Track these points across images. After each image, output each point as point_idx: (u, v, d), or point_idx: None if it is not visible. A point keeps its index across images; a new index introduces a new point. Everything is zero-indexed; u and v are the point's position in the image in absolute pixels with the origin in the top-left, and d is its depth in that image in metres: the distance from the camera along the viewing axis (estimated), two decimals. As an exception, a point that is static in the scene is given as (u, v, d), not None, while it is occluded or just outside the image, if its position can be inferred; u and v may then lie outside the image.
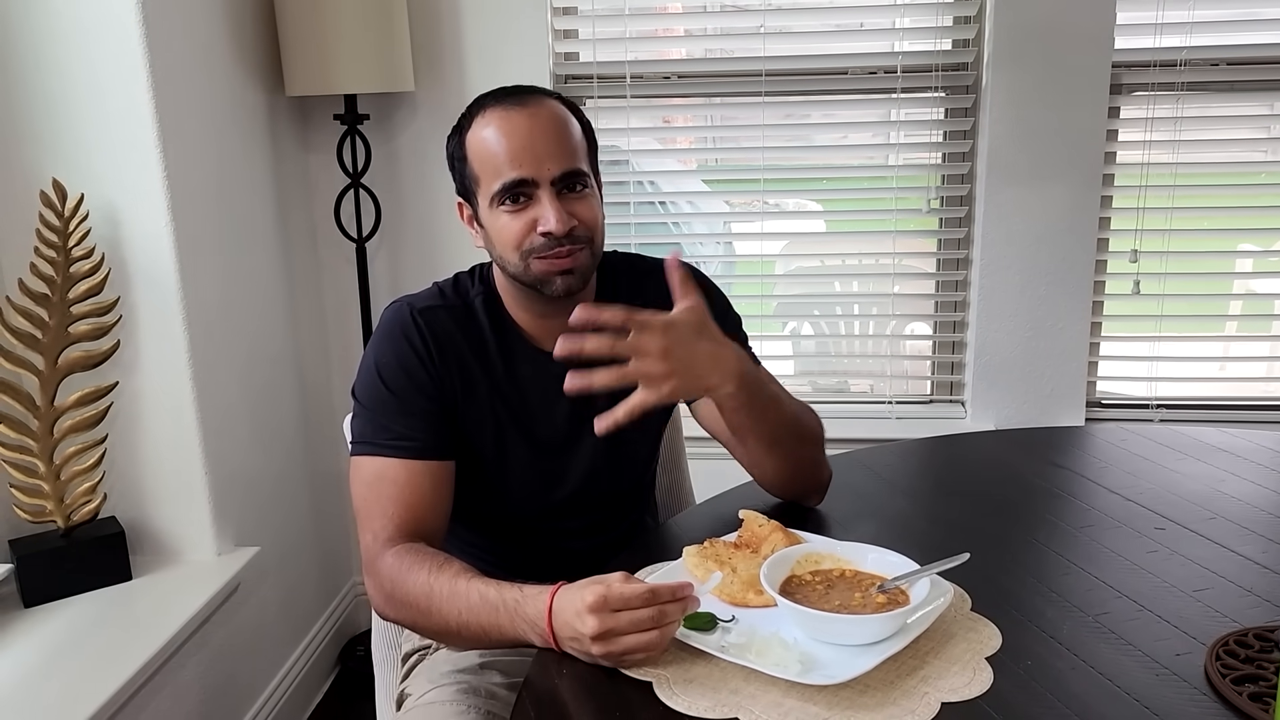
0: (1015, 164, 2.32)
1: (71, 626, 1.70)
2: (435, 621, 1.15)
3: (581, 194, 1.27)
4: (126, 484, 1.91)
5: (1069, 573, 1.24)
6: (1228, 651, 1.04)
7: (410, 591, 1.16)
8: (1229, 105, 2.39)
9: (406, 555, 1.19)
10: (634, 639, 1.01)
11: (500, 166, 1.24)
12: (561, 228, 1.23)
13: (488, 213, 1.28)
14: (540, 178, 1.23)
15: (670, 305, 1.20)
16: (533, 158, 1.23)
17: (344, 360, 2.52)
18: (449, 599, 1.13)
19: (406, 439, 1.24)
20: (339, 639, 2.56)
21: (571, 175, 1.25)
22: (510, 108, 1.25)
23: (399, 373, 1.27)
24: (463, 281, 1.38)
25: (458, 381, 1.30)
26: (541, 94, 1.29)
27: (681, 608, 1.03)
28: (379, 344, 1.31)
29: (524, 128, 1.24)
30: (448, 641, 1.23)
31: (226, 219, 2.04)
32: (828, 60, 2.41)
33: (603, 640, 1.01)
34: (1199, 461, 1.59)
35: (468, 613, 1.12)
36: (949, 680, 1.01)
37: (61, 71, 1.75)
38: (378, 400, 1.27)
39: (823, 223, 3.36)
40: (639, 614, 1.00)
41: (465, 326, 1.32)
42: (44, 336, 1.74)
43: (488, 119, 1.26)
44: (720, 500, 1.47)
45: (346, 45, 2.11)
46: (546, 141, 1.24)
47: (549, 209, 1.23)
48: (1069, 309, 2.39)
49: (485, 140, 1.25)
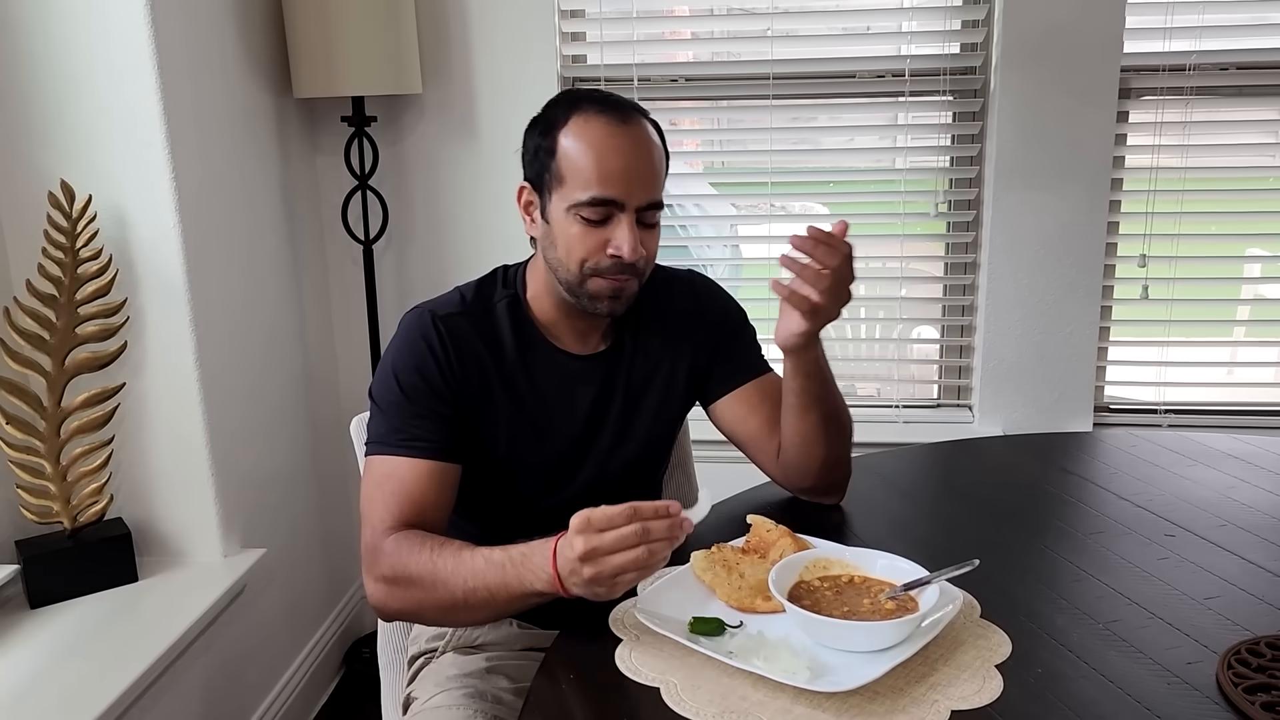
0: (1024, 168, 2.31)
1: (78, 628, 1.70)
2: (441, 596, 1.15)
3: (653, 227, 1.29)
4: (133, 485, 1.91)
5: (1079, 580, 1.23)
6: (1239, 660, 1.03)
7: (413, 570, 1.16)
8: (1238, 110, 2.38)
9: (406, 539, 1.19)
10: (620, 557, 1.02)
11: (592, 179, 1.23)
12: (634, 257, 1.25)
13: (560, 214, 1.27)
14: (628, 202, 1.24)
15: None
16: (626, 182, 1.24)
17: (350, 362, 2.52)
18: (454, 570, 1.14)
19: (418, 439, 1.25)
20: (344, 641, 2.56)
21: (653, 206, 1.27)
22: (614, 122, 1.25)
23: (416, 377, 1.28)
24: (486, 287, 1.38)
25: (475, 387, 1.30)
26: (639, 113, 1.29)
27: (668, 527, 1.04)
28: (398, 349, 1.31)
29: (626, 149, 1.24)
30: (454, 618, 1.22)
31: (234, 221, 2.04)
32: (835, 64, 2.40)
33: (591, 560, 1.03)
34: (1209, 468, 1.58)
35: (474, 578, 1.13)
36: (959, 688, 1.00)
37: (70, 73, 1.75)
38: (393, 403, 1.28)
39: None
40: (623, 531, 1.02)
41: (485, 333, 1.33)
42: (51, 337, 1.74)
43: (590, 125, 1.25)
44: (728, 505, 1.47)
45: (354, 47, 2.11)
46: (641, 168, 1.25)
47: (627, 236, 1.24)
48: (1077, 313, 2.39)
49: (583, 146, 1.24)
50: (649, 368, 1.40)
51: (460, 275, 2.40)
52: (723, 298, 1.50)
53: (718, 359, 1.45)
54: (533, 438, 1.34)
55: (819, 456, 1.38)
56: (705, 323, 1.45)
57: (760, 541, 1.25)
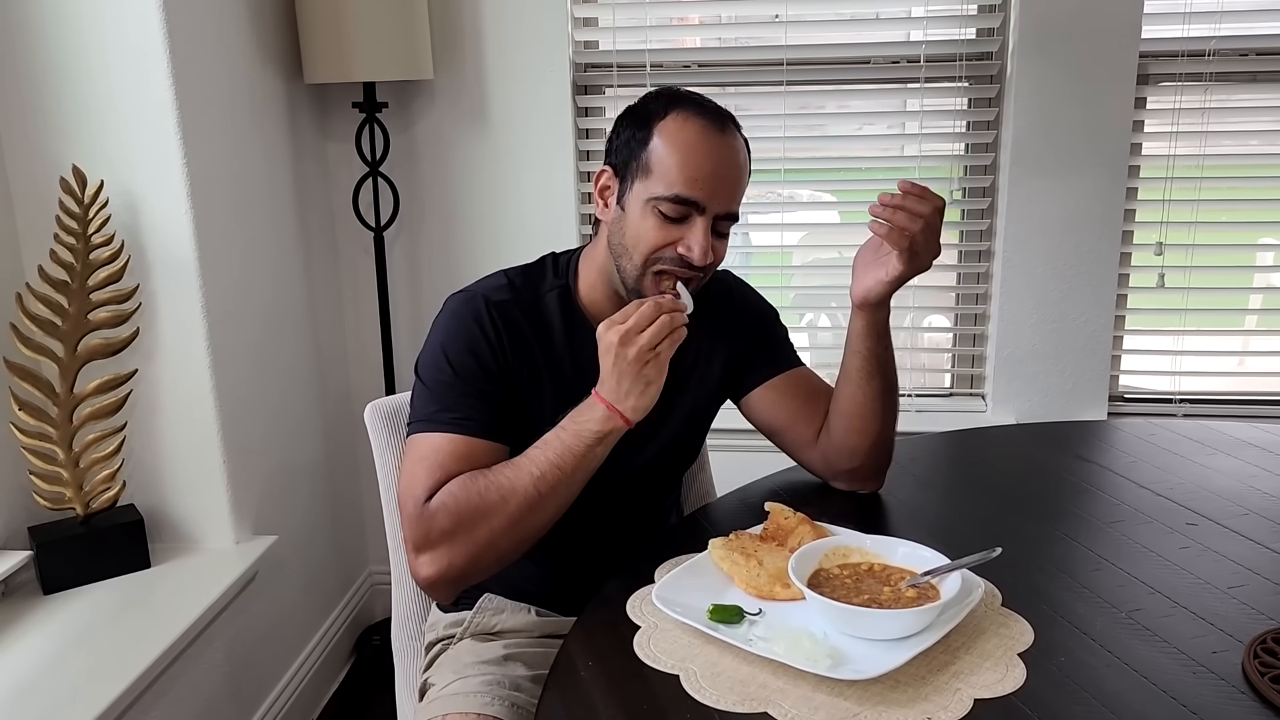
0: (1039, 155, 2.29)
1: (90, 613, 1.70)
2: (513, 505, 1.17)
3: (724, 238, 1.30)
4: (145, 472, 1.91)
5: (1100, 568, 1.22)
6: (1265, 649, 1.02)
7: (475, 502, 1.18)
8: (1257, 96, 2.36)
9: (457, 484, 1.20)
10: (649, 331, 1.15)
11: (679, 177, 1.23)
12: (703, 261, 1.25)
13: (638, 204, 1.26)
14: (709, 207, 1.25)
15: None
16: (713, 186, 1.24)
17: (361, 349, 2.52)
18: (515, 474, 1.18)
19: (466, 418, 1.24)
20: (355, 628, 2.56)
21: (729, 216, 1.28)
22: (712, 128, 1.25)
23: (467, 356, 1.27)
24: (533, 274, 1.37)
25: (525, 374, 1.30)
26: (735, 125, 1.30)
27: (670, 299, 1.22)
28: (449, 327, 1.30)
29: (719, 154, 1.25)
30: (530, 522, 1.19)
31: (245, 207, 2.04)
32: (850, 49, 2.38)
33: (627, 343, 1.15)
34: (1230, 456, 1.57)
35: (537, 466, 1.18)
36: (981, 676, 0.99)
37: (82, 59, 1.74)
38: (441, 381, 1.26)
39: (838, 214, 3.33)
40: (642, 309, 1.17)
41: (535, 321, 1.32)
42: (64, 323, 1.73)
43: (690, 124, 1.25)
44: (745, 492, 1.46)
45: (365, 33, 2.10)
46: (729, 176, 1.26)
47: (700, 239, 1.24)
48: (1092, 302, 2.37)
49: (678, 143, 1.24)
50: (688, 360, 1.39)
51: (472, 262, 2.44)
52: (755, 296, 1.51)
53: (751, 353, 1.45)
54: None
55: (874, 432, 1.38)
56: (740, 319, 1.45)
57: (778, 529, 1.25)
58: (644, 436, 1.36)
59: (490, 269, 1.42)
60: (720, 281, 1.47)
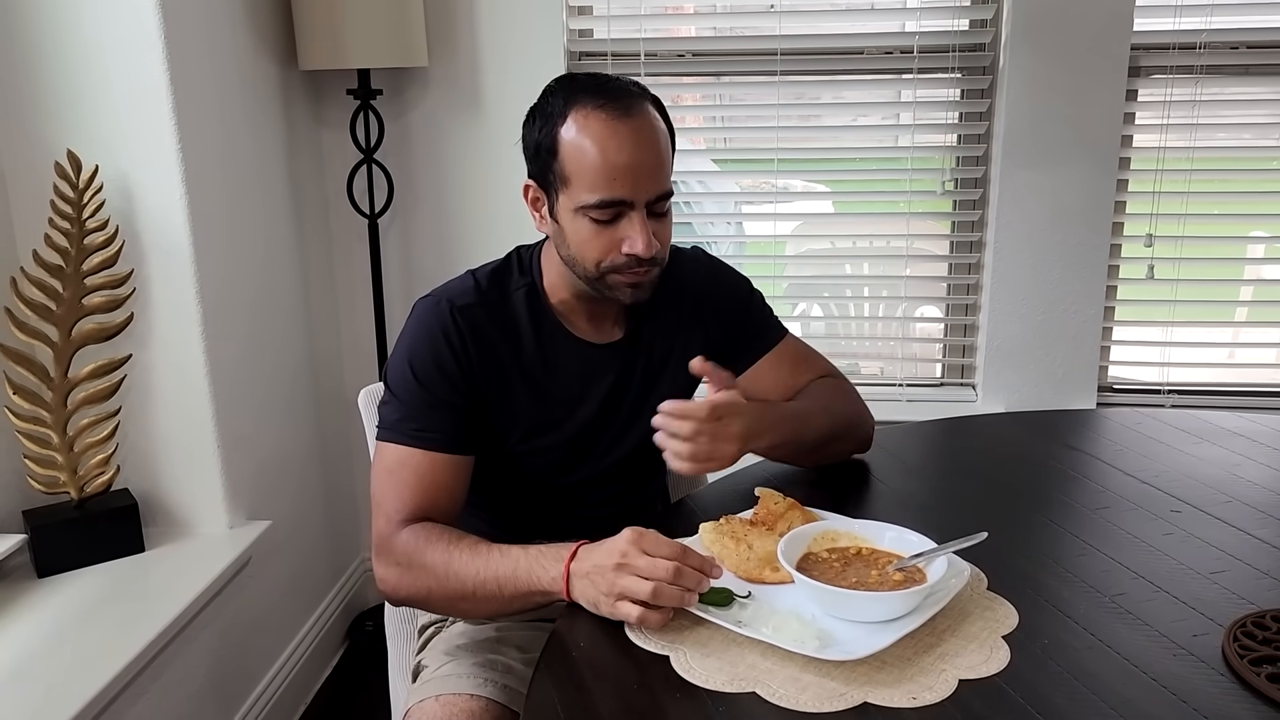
0: (1031, 146, 2.31)
1: (84, 597, 1.71)
2: (451, 585, 1.17)
3: (664, 216, 1.27)
4: (139, 456, 1.91)
5: (1085, 554, 1.24)
6: (1245, 633, 1.04)
7: (428, 559, 1.18)
8: (1247, 89, 2.37)
9: (424, 530, 1.21)
10: (635, 581, 1.04)
11: (597, 180, 1.20)
12: (649, 253, 1.22)
13: (569, 214, 1.24)
14: (637, 199, 1.22)
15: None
16: (634, 178, 1.20)
17: (355, 335, 2.52)
18: (469, 560, 1.16)
19: (431, 430, 1.25)
20: (348, 614, 2.57)
21: (663, 197, 1.25)
22: (616, 116, 1.20)
23: (432, 368, 1.27)
24: (501, 272, 1.36)
25: (493, 378, 1.30)
26: (640, 97, 1.24)
27: (698, 578, 1.06)
28: (414, 338, 1.29)
29: (629, 144, 1.20)
30: (459, 607, 1.23)
31: (239, 193, 2.04)
32: (843, 40, 2.39)
33: (618, 570, 1.06)
34: (1215, 445, 1.59)
35: (486, 569, 1.15)
36: (966, 658, 1.01)
37: (77, 44, 1.74)
38: (408, 392, 1.27)
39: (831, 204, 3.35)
40: (660, 562, 1.05)
41: (503, 323, 1.31)
42: (58, 308, 1.74)
43: (590, 122, 1.20)
44: (736, 477, 1.47)
45: (360, 20, 2.10)
46: (648, 161, 1.22)
47: (640, 234, 1.22)
48: (1082, 293, 2.38)
49: (585, 145, 1.20)
50: (665, 351, 1.40)
51: (465, 249, 2.44)
52: (728, 271, 1.50)
53: (732, 334, 1.45)
54: (549, 425, 1.34)
55: (839, 457, 1.47)
56: (716, 299, 1.45)
57: (768, 513, 1.26)
58: (625, 426, 1.37)
59: (484, 256, 1.42)
60: (692, 260, 1.46)
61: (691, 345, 1.41)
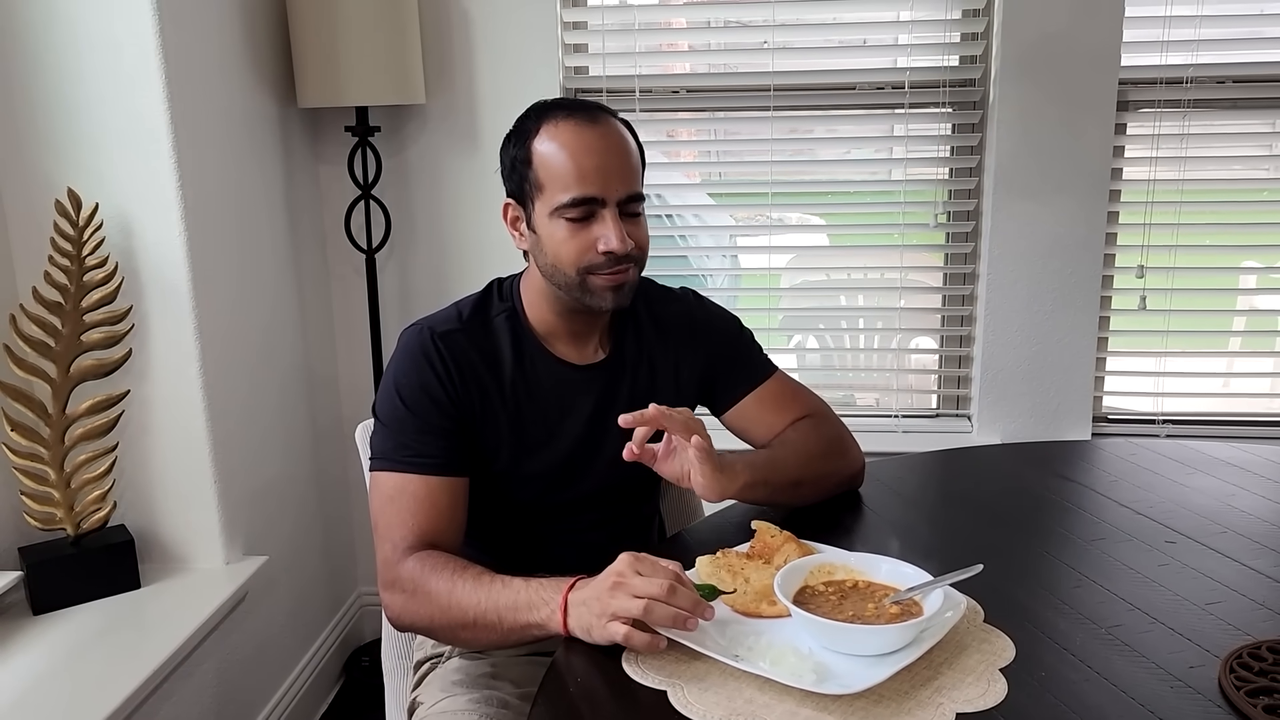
0: (1023, 179, 2.33)
1: (80, 634, 1.70)
2: (454, 615, 1.17)
3: (637, 218, 1.31)
4: (136, 492, 1.91)
5: (1080, 585, 1.24)
6: (1241, 664, 1.04)
7: (432, 588, 1.19)
8: (1234, 123, 2.40)
9: (429, 558, 1.22)
10: (627, 601, 1.04)
11: (570, 181, 1.26)
12: (623, 249, 1.27)
13: (544, 221, 1.29)
14: (608, 197, 1.27)
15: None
16: (603, 177, 1.26)
17: (352, 371, 2.53)
18: (472, 590, 1.17)
19: (425, 455, 1.27)
20: (345, 649, 2.56)
21: (634, 198, 1.29)
22: (583, 123, 1.28)
23: (419, 394, 1.29)
24: (481, 301, 1.39)
25: (476, 402, 1.32)
26: (608, 112, 1.32)
27: (694, 600, 1.07)
28: (400, 365, 1.33)
29: (598, 146, 1.27)
30: (460, 636, 1.22)
31: (238, 229, 2.06)
32: (835, 75, 2.42)
33: (613, 591, 1.06)
34: (1208, 476, 1.59)
35: (487, 600, 1.15)
36: (963, 691, 1.01)
37: (78, 81, 1.76)
38: (397, 419, 1.29)
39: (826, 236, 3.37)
40: (650, 579, 1.06)
41: (484, 348, 1.34)
42: (57, 344, 1.75)
43: (560, 130, 1.28)
44: (732, 510, 1.48)
45: (358, 58, 2.13)
46: (617, 162, 1.28)
47: (613, 230, 1.26)
48: (1075, 324, 2.40)
49: (556, 151, 1.27)
50: (650, 375, 1.42)
51: (462, 285, 2.44)
52: (716, 308, 1.53)
53: (722, 368, 1.47)
54: (533, 448, 1.35)
55: (823, 496, 1.45)
56: (703, 332, 1.47)
57: (765, 546, 1.26)
58: (611, 447, 1.37)
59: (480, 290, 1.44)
60: (680, 298, 1.49)
61: (681, 372, 1.43)
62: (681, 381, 1.45)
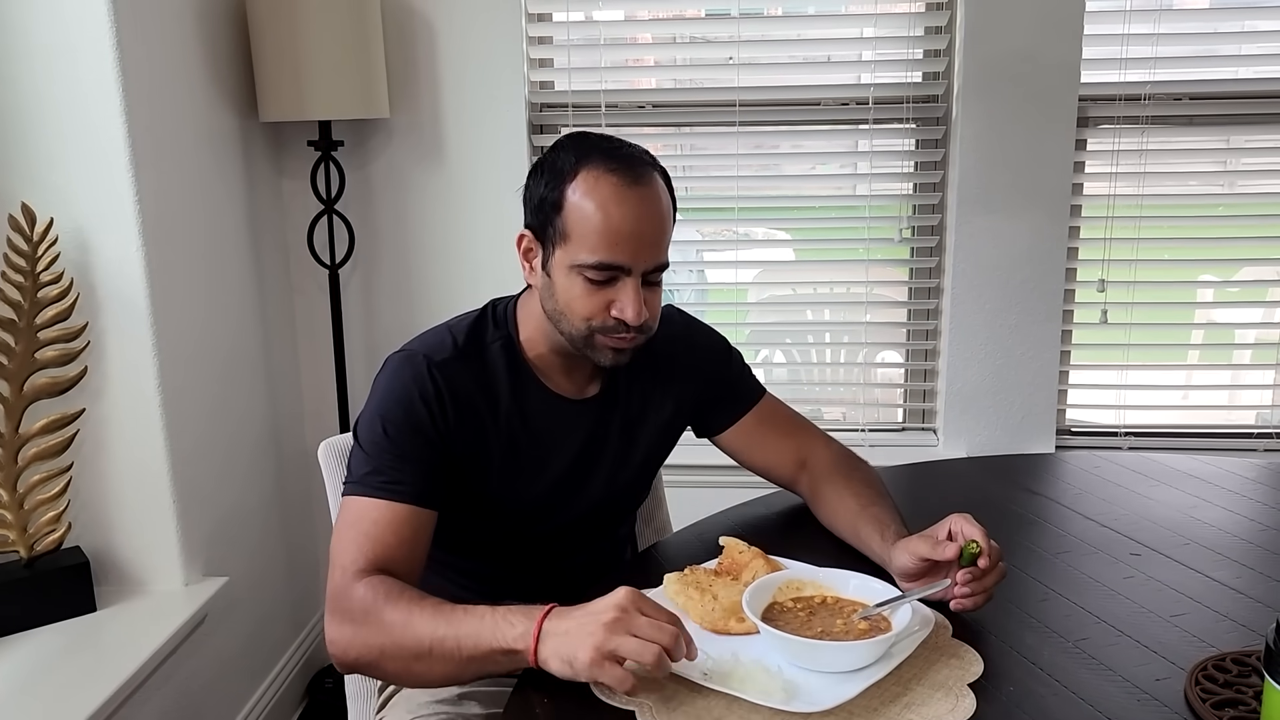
0: (985, 195, 2.35)
1: (34, 659, 1.66)
2: (407, 643, 1.09)
3: (656, 287, 1.27)
4: (92, 513, 1.87)
5: (1047, 599, 1.25)
6: (1207, 676, 1.05)
7: (386, 615, 1.11)
8: (1191, 139, 2.44)
9: (384, 584, 1.14)
10: (635, 644, 0.98)
11: (598, 244, 1.20)
12: (638, 320, 1.22)
13: (562, 270, 1.23)
14: (635, 268, 1.22)
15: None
16: (634, 247, 1.21)
17: (315, 388, 2.50)
18: (430, 618, 1.09)
19: (396, 483, 1.21)
20: (308, 670, 2.52)
21: (659, 268, 1.25)
22: (626, 184, 1.20)
23: (403, 419, 1.23)
24: (476, 326, 1.33)
25: (469, 432, 1.27)
26: (650, 167, 1.25)
27: (693, 651, 1.02)
28: (389, 394, 1.26)
29: (635, 212, 1.21)
30: (411, 669, 1.12)
31: (198, 244, 2.02)
32: (801, 91, 2.43)
33: (613, 626, 0.99)
34: (1171, 488, 1.61)
35: (446, 626, 1.08)
36: (932, 707, 1.01)
37: (33, 94, 1.73)
38: (376, 446, 1.23)
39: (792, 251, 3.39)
40: (659, 624, 1.00)
41: (480, 378, 1.29)
42: (9, 362, 1.71)
43: (599, 186, 1.20)
44: (700, 527, 1.47)
45: (321, 71, 2.11)
46: (650, 231, 1.22)
47: (631, 301, 1.21)
48: (1039, 337, 2.42)
49: (591, 206, 1.20)
50: (641, 408, 1.40)
51: (427, 299, 2.44)
52: (705, 329, 1.51)
53: (711, 392, 1.46)
54: (524, 478, 1.32)
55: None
56: (693, 356, 1.45)
57: (733, 563, 1.26)
58: (595, 481, 1.36)
59: (446, 306, 1.42)
60: (668, 321, 1.46)
61: (667, 402, 1.42)
62: (672, 409, 1.43)
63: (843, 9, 2.45)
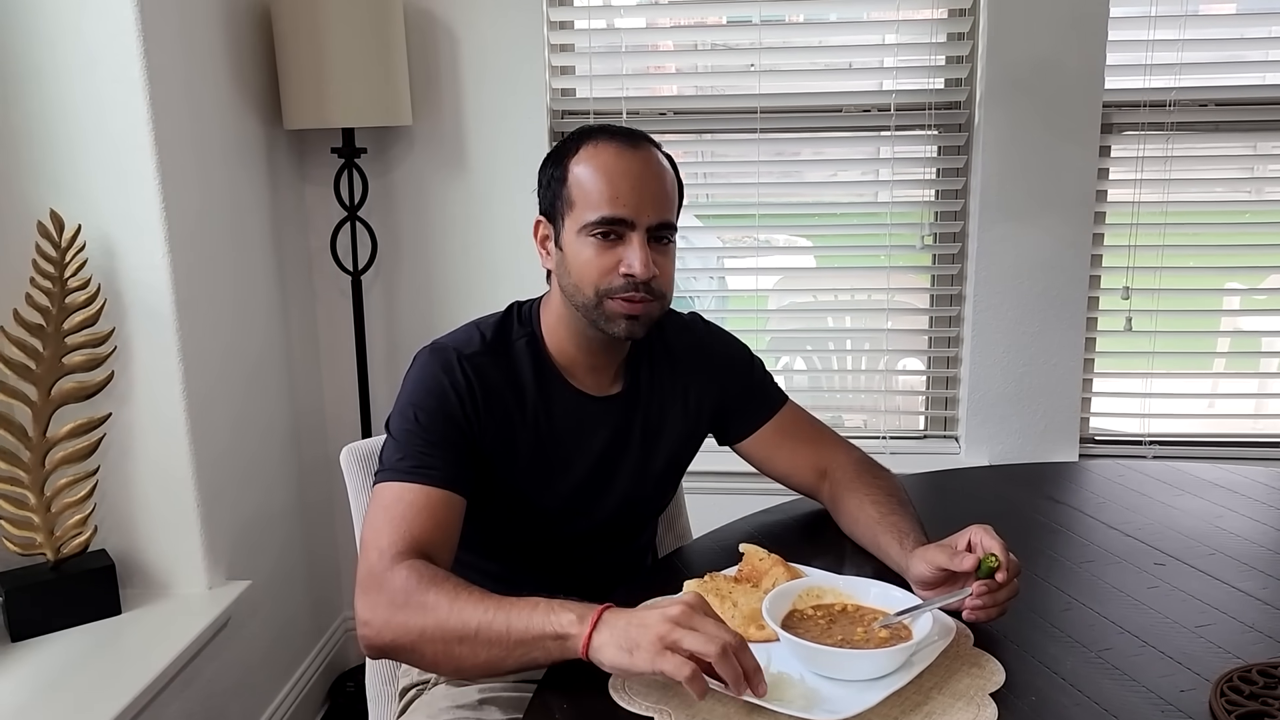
0: (1008, 201, 2.34)
1: (59, 661, 1.68)
2: (452, 624, 1.08)
3: (666, 248, 1.29)
4: (118, 516, 1.89)
5: (1070, 608, 1.24)
6: (1232, 688, 1.03)
7: (431, 598, 1.10)
8: (1216, 145, 2.42)
9: (426, 568, 1.13)
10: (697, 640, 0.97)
11: (602, 199, 1.25)
12: (645, 273, 1.24)
13: (572, 238, 1.28)
14: (638, 221, 1.25)
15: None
16: (636, 200, 1.25)
17: (338, 393, 2.51)
18: (476, 602, 1.08)
19: (429, 467, 1.22)
20: (329, 674, 2.53)
21: (664, 226, 1.28)
22: (623, 147, 1.27)
23: (433, 406, 1.26)
24: (502, 323, 1.36)
25: (498, 426, 1.29)
26: (650, 142, 1.32)
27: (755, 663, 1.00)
28: (420, 384, 1.28)
29: (634, 170, 1.26)
30: (452, 653, 1.10)
31: (223, 251, 2.04)
32: (822, 98, 2.43)
33: (679, 619, 0.98)
34: (1196, 497, 1.59)
35: (496, 610, 1.07)
36: (954, 716, 1.00)
37: (61, 103, 1.75)
38: (407, 431, 1.25)
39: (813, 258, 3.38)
40: (724, 626, 1.01)
41: (508, 373, 1.32)
42: (38, 367, 1.73)
43: (600, 150, 1.27)
44: (720, 533, 1.47)
45: (345, 79, 2.13)
46: (651, 188, 1.27)
47: (637, 253, 1.25)
48: (1062, 345, 2.41)
49: (593, 170, 1.26)
50: (663, 409, 1.41)
51: (448, 305, 2.45)
52: (726, 337, 1.52)
53: (733, 399, 1.47)
54: (549, 475, 1.33)
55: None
56: (714, 362, 1.46)
57: (753, 570, 1.25)
58: (618, 484, 1.37)
59: (467, 312, 1.43)
60: (690, 325, 1.48)
61: (689, 405, 1.43)
62: (693, 414, 1.44)
63: (864, 15, 2.44)
